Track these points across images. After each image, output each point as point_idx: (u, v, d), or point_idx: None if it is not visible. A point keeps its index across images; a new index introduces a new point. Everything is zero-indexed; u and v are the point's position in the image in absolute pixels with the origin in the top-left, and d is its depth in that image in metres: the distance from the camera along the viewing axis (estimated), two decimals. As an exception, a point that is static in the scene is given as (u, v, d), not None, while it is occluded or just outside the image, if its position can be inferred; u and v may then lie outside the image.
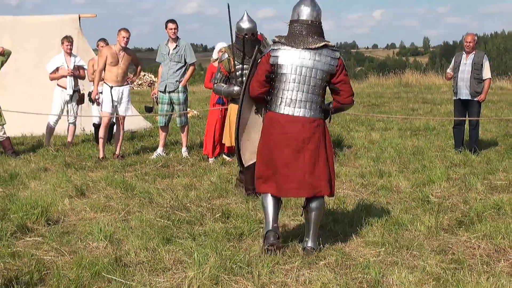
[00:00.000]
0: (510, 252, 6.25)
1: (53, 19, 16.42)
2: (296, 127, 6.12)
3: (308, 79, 6.12)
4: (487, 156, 11.66)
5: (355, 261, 5.99)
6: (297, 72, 6.12)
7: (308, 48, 6.10)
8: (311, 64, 6.11)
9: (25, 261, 5.89)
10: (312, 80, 6.13)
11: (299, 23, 6.20)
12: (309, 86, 6.12)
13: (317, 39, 6.15)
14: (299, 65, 6.11)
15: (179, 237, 6.67)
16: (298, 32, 6.19)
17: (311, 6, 6.21)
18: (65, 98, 12.90)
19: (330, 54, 6.16)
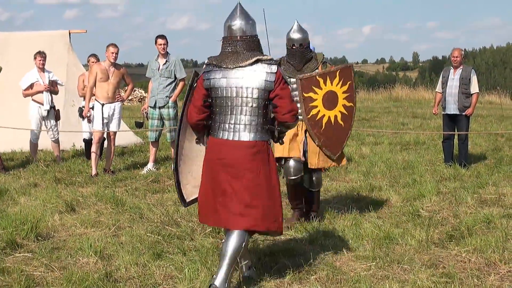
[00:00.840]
0: (500, 265, 6.26)
1: (44, 34, 16.41)
2: (234, 152, 5.55)
3: (244, 99, 5.53)
4: (477, 170, 11.69)
5: (346, 276, 5.98)
6: (231, 94, 5.55)
7: (239, 66, 5.55)
8: (245, 83, 5.52)
9: (14, 277, 5.86)
10: (249, 101, 5.53)
11: (231, 39, 5.66)
12: (246, 107, 5.54)
13: (250, 54, 5.58)
14: (232, 86, 5.54)
15: (170, 252, 6.66)
16: (229, 50, 5.66)
17: (241, 20, 5.67)
18: (42, 114, 12.80)
19: (266, 69, 5.53)
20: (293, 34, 7.99)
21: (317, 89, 7.83)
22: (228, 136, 5.58)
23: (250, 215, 5.50)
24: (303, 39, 7.97)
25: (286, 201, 8.34)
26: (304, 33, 8.01)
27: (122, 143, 14.96)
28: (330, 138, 7.94)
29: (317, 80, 7.82)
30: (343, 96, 7.97)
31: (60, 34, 16.35)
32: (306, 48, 8.04)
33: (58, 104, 14.32)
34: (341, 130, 8.03)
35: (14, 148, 14.23)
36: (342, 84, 7.93)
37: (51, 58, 15.00)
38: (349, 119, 8.09)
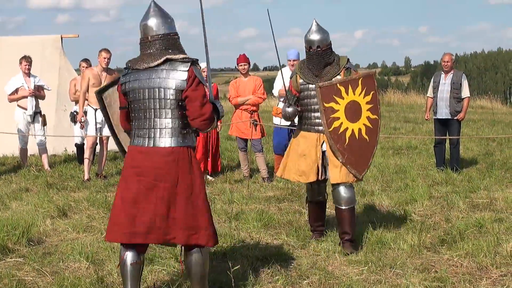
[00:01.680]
0: (492, 270, 6.26)
1: (36, 39, 16.37)
2: (148, 160, 5.11)
3: (157, 102, 5.12)
4: (469, 174, 11.71)
5: (338, 280, 5.98)
6: (143, 96, 5.14)
7: (149, 67, 5.15)
8: (156, 84, 5.11)
9: (5, 282, 5.84)
10: (162, 102, 5.11)
11: (144, 40, 5.28)
12: (160, 110, 5.12)
13: (161, 54, 5.17)
14: (144, 87, 5.13)
15: (162, 257, 6.64)
16: (143, 51, 5.30)
17: (153, 18, 5.27)
18: (27, 119, 12.76)
19: (178, 67, 5.10)
20: (311, 35, 7.17)
21: (338, 98, 6.95)
22: (143, 142, 5.15)
23: (168, 229, 5.10)
24: (321, 41, 7.12)
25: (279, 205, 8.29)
26: (323, 33, 7.17)
27: (114, 148, 14.91)
28: (354, 154, 7.01)
29: (338, 89, 6.96)
30: (367, 107, 7.09)
31: (52, 39, 16.32)
32: (326, 51, 7.16)
33: (49, 108, 14.32)
34: (366, 145, 7.11)
35: (5, 152, 14.21)
36: (365, 94, 7.07)
37: (43, 62, 15.04)
38: (374, 133, 7.16)
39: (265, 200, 9.65)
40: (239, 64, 11.77)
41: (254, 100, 11.56)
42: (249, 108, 11.58)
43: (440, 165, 12.33)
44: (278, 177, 11.38)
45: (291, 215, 8.63)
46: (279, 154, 11.85)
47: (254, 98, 11.54)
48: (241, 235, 7.52)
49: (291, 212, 8.83)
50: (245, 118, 11.55)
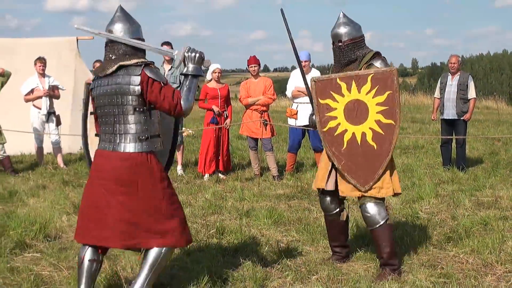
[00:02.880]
0: (497, 266, 6.25)
1: (52, 41, 16.44)
2: (108, 164, 5.10)
3: (116, 107, 5.08)
4: (474, 173, 11.68)
5: (346, 276, 5.98)
6: (104, 103, 5.14)
7: (106, 74, 5.11)
8: (114, 90, 5.06)
9: (24, 277, 5.87)
10: (121, 108, 5.07)
11: (106, 45, 5.25)
12: (120, 116, 5.08)
13: (116, 61, 5.11)
14: (104, 94, 5.11)
15: (174, 253, 6.64)
16: (105, 56, 5.25)
17: (118, 23, 5.23)
18: (42, 119, 12.85)
19: (133, 72, 5.02)
20: (334, 29, 6.34)
21: (337, 95, 5.98)
22: (106, 146, 5.14)
23: (129, 233, 5.06)
24: (343, 35, 6.20)
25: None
26: (346, 26, 6.25)
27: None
28: (355, 161, 5.99)
29: (337, 84, 5.98)
30: (377, 109, 5.94)
31: (67, 41, 16.38)
32: (349, 45, 6.20)
33: (65, 109, 14.39)
34: (373, 153, 5.96)
35: (23, 151, 14.26)
36: (376, 94, 5.92)
37: (59, 64, 15.09)
38: (386, 141, 5.96)
39: (275, 198, 9.66)
40: (249, 66, 11.78)
41: (264, 101, 11.57)
42: (259, 108, 11.59)
43: (446, 164, 12.31)
44: (288, 175, 11.45)
45: (301, 212, 8.63)
46: (292, 153, 11.90)
47: (264, 98, 11.55)
48: (251, 231, 7.53)
49: (301, 209, 8.83)
50: (255, 118, 11.56)
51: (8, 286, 5.68)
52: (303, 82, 6.39)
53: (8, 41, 16.57)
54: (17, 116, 13.66)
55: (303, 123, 11.28)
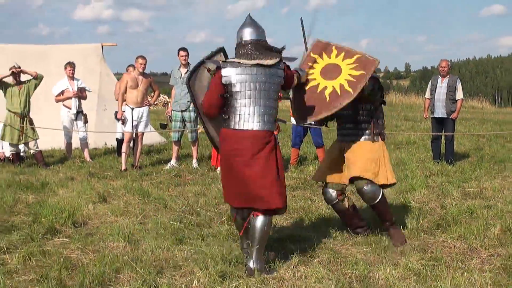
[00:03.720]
0: (481, 250, 6.24)
1: (79, 47, 16.50)
2: (246, 141, 5.43)
3: (261, 92, 5.42)
4: (461, 166, 11.65)
5: (345, 259, 5.96)
6: (250, 88, 5.42)
7: (258, 64, 5.42)
8: (263, 78, 5.43)
9: (54, 259, 5.88)
10: (266, 93, 5.44)
11: (240, 44, 5.62)
12: (262, 99, 5.44)
13: (261, 55, 5.49)
14: (251, 81, 5.42)
15: (190, 238, 6.66)
16: (238, 51, 5.61)
17: (248, 27, 5.64)
18: (71, 117, 12.91)
19: (278, 66, 5.51)
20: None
21: (326, 55, 6.54)
22: (245, 126, 5.46)
23: (262, 195, 5.44)
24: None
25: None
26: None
27: (148, 142, 15.00)
28: (305, 102, 6.27)
29: (331, 49, 6.57)
30: (347, 77, 6.23)
31: (93, 47, 16.43)
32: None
33: (91, 108, 14.46)
34: (323, 102, 6.19)
35: (54, 146, 14.31)
36: (353, 68, 6.27)
37: (85, 68, 15.14)
38: (337, 100, 6.13)
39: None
40: None
41: None
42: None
43: (436, 158, 12.29)
44: (292, 168, 11.44)
45: (304, 201, 8.62)
46: (295, 148, 11.89)
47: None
48: (259, 219, 7.52)
49: (304, 199, 8.82)
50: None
51: (40, 268, 5.69)
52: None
53: (41, 48, 16.63)
54: (48, 114, 13.72)
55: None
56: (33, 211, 7.88)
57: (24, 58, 14.00)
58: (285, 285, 5.30)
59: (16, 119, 12.01)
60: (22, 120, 12.07)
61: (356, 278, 5.45)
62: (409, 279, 5.41)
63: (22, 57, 14.06)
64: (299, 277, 5.48)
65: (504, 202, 8.39)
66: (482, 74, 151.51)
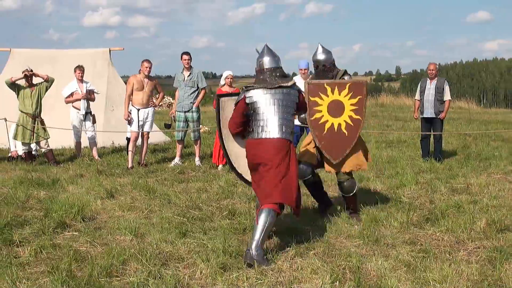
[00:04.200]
0: (468, 243, 6.24)
1: (88, 52, 16.45)
2: (271, 148, 5.92)
3: (281, 108, 6.00)
4: (449, 164, 11.65)
5: (339, 251, 5.97)
6: (270, 104, 5.99)
7: (278, 86, 6.01)
8: (281, 98, 6.02)
9: (64, 252, 5.88)
10: (285, 109, 6.02)
11: (261, 70, 6.15)
12: (281, 113, 6.00)
13: (278, 80, 6.05)
14: (272, 99, 6.01)
15: (193, 232, 6.66)
16: (259, 77, 6.14)
17: (267, 56, 6.18)
18: (80, 118, 12.89)
19: (293, 89, 6.13)
20: (317, 56, 7.55)
21: (323, 95, 7.20)
22: (272, 135, 5.97)
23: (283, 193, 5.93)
24: (325, 60, 7.51)
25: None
26: (327, 54, 7.54)
27: (153, 141, 14.99)
28: (330, 143, 7.21)
29: (324, 88, 7.22)
30: (350, 108, 7.22)
31: (101, 51, 16.39)
32: (329, 67, 7.54)
33: (99, 109, 14.44)
34: (344, 138, 7.22)
35: (64, 145, 14.29)
36: (351, 97, 7.21)
37: (94, 71, 15.15)
38: (354, 130, 7.24)
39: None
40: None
41: None
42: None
43: (425, 156, 12.29)
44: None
45: (300, 197, 8.62)
46: (292, 147, 11.88)
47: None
48: (258, 213, 7.52)
49: (300, 194, 8.82)
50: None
51: (51, 260, 5.69)
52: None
53: (52, 52, 16.61)
54: (59, 115, 13.71)
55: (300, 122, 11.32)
56: (44, 207, 7.88)
57: (36, 62, 14.02)
58: (283, 276, 5.31)
59: (28, 119, 12.02)
60: (34, 121, 12.08)
61: (350, 269, 5.44)
62: (400, 270, 5.41)
63: (34, 61, 14.07)
64: (295, 268, 5.49)
65: (489, 197, 8.40)
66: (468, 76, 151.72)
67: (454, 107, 30.36)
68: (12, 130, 12.46)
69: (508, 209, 7.69)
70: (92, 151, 13.04)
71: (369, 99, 36.12)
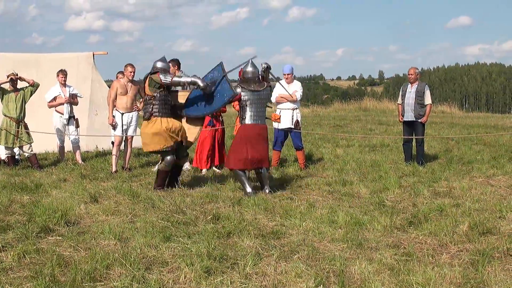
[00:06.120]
0: (451, 246, 6.27)
1: (71, 55, 16.35)
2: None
3: (260, 102, 9.42)
4: (432, 167, 11.71)
5: (323, 255, 5.97)
6: (255, 100, 9.35)
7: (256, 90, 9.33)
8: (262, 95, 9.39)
9: (48, 257, 5.84)
10: (263, 103, 9.53)
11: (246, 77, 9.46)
12: (261, 106, 9.48)
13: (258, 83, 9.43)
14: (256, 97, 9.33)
15: (177, 236, 6.64)
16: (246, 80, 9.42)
17: (251, 67, 9.46)
18: (63, 122, 12.82)
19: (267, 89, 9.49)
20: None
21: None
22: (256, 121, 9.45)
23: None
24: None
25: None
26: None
27: (137, 145, 14.92)
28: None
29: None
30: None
31: (85, 55, 16.30)
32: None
33: (83, 113, 14.37)
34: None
35: (47, 149, 14.21)
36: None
37: (77, 75, 15.08)
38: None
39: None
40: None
41: None
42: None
43: (408, 160, 12.34)
44: (273, 170, 11.44)
45: (284, 201, 8.63)
46: (277, 150, 11.89)
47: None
48: (242, 216, 7.52)
49: (284, 198, 8.83)
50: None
51: (34, 265, 5.64)
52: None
53: (34, 56, 16.47)
54: (42, 119, 13.61)
55: (285, 126, 11.41)
56: (27, 211, 7.83)
57: (19, 66, 13.91)
58: (267, 279, 5.30)
59: (11, 123, 11.94)
60: (18, 125, 12.00)
61: (334, 273, 5.46)
62: (383, 273, 5.42)
63: (17, 65, 13.98)
64: (280, 272, 5.49)
65: (472, 201, 8.44)
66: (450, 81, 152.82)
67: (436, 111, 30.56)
68: (-6, 134, 12.34)
69: (490, 212, 7.74)
70: (76, 155, 12.97)
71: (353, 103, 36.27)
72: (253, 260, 5.71)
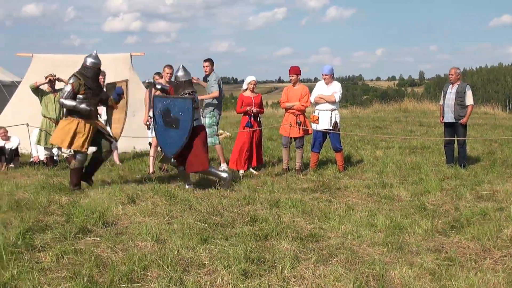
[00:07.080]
0: (494, 251, 6.17)
1: (109, 57, 16.52)
2: None
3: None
4: (474, 170, 11.54)
5: (363, 259, 5.93)
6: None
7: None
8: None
9: (85, 257, 5.91)
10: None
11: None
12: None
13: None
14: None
15: (214, 238, 6.66)
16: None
17: (181, 71, 10.11)
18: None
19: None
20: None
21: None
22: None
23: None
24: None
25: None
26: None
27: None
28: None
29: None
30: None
31: (123, 56, 16.50)
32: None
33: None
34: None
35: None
36: None
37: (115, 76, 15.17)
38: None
39: (301, 191, 9.62)
40: (289, 75, 11.85)
41: (298, 107, 11.56)
42: (294, 112, 11.60)
43: (449, 162, 12.20)
44: (311, 172, 11.41)
45: (323, 203, 8.59)
46: (315, 152, 11.85)
47: (298, 104, 11.54)
48: (280, 219, 7.51)
49: (323, 201, 8.80)
50: (291, 119, 11.58)
51: (72, 265, 5.72)
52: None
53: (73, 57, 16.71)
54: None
55: (323, 127, 11.37)
56: (66, 212, 7.94)
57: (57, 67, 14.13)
58: (305, 283, 5.28)
59: (51, 124, 12.14)
60: (57, 126, 12.17)
61: (373, 277, 5.41)
62: (424, 278, 5.36)
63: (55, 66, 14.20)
64: (318, 275, 5.46)
65: (516, 205, 8.30)
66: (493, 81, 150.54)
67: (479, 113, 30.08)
68: (34, 135, 12.59)
69: (535, 217, 7.60)
70: (113, 156, 13.10)
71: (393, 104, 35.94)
72: (291, 263, 5.70)
